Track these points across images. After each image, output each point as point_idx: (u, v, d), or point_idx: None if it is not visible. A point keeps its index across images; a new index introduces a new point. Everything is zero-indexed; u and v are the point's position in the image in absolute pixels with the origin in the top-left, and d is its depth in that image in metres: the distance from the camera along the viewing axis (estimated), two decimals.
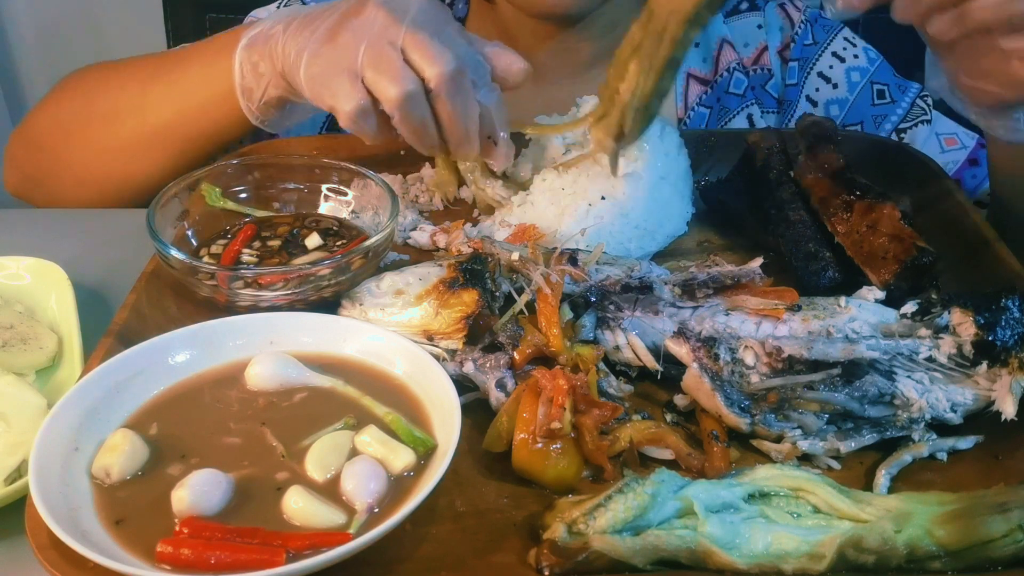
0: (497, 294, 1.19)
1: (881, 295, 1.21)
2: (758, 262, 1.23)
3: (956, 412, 1.10)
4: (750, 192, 1.51)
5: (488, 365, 1.12)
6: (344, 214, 1.42)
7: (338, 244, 1.35)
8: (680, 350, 1.13)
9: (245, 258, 1.31)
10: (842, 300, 1.18)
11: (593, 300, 1.19)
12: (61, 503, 0.92)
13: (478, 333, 1.15)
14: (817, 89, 1.90)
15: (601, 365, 1.15)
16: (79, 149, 1.64)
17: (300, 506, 0.93)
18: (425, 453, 1.00)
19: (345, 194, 1.43)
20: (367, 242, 1.27)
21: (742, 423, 1.08)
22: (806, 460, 1.07)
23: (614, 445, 1.06)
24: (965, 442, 1.09)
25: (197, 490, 0.93)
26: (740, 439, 1.10)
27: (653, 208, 1.42)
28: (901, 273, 1.26)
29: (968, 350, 1.10)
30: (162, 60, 1.64)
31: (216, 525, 0.91)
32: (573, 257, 1.22)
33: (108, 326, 1.19)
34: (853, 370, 1.09)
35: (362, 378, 1.10)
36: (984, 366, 1.09)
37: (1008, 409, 1.07)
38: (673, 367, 1.15)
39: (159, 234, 1.26)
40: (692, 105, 1.92)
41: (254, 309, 1.22)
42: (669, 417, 1.14)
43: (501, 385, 1.11)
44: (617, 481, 0.97)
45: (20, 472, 1.04)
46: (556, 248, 1.23)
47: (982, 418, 1.10)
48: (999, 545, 0.91)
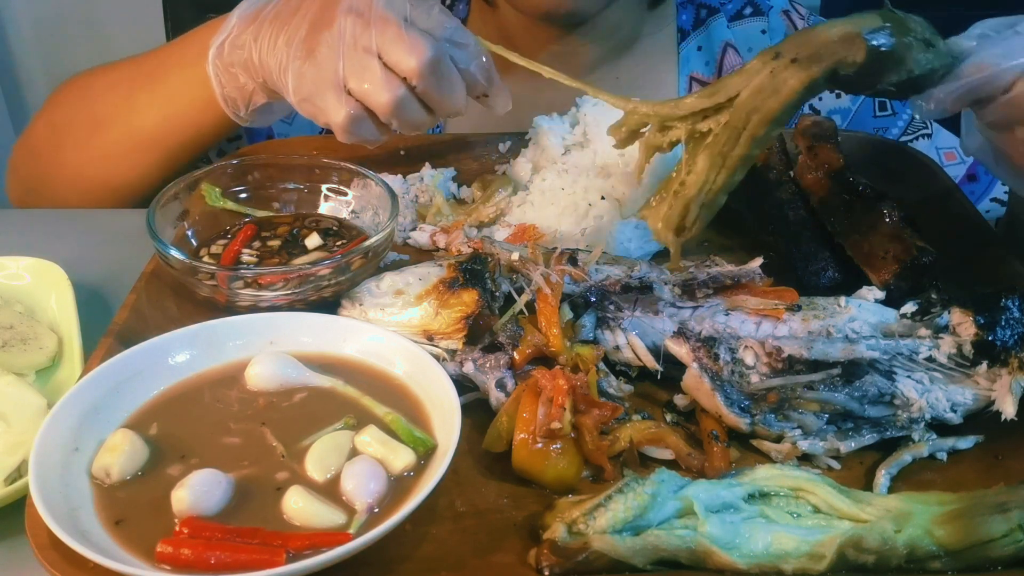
0: (497, 294, 1.19)
1: (881, 295, 1.21)
2: (758, 262, 1.23)
3: (956, 412, 1.10)
4: (750, 192, 1.50)
5: (488, 365, 1.12)
6: (344, 214, 1.42)
7: (338, 244, 1.35)
8: (680, 350, 1.13)
9: (245, 258, 1.31)
10: (842, 300, 1.18)
11: (593, 300, 1.19)
12: (61, 503, 0.92)
13: (478, 333, 1.15)
14: (820, 98, 1.90)
15: (601, 365, 1.15)
16: (71, 156, 1.65)
17: (300, 506, 0.93)
18: (425, 453, 1.00)
19: (345, 194, 1.43)
20: (367, 242, 1.27)
21: (742, 423, 1.08)
22: (806, 460, 1.07)
23: (614, 445, 1.06)
24: (965, 442, 1.09)
25: (197, 490, 0.93)
26: (740, 439, 1.10)
27: None
28: (901, 273, 1.26)
29: (968, 350, 1.10)
30: (144, 65, 1.63)
31: (216, 525, 0.91)
32: (573, 257, 1.22)
33: (108, 326, 1.19)
34: (853, 370, 1.09)
35: (362, 378, 1.10)
36: (984, 366, 1.09)
37: (1008, 409, 1.07)
38: (673, 367, 1.15)
39: (159, 234, 1.26)
40: None
41: (254, 309, 1.22)
42: (669, 417, 1.14)
43: (501, 385, 1.11)
44: (617, 481, 0.97)
45: (20, 472, 1.04)
46: (556, 248, 1.23)
47: (982, 418, 1.10)
48: (999, 545, 0.91)
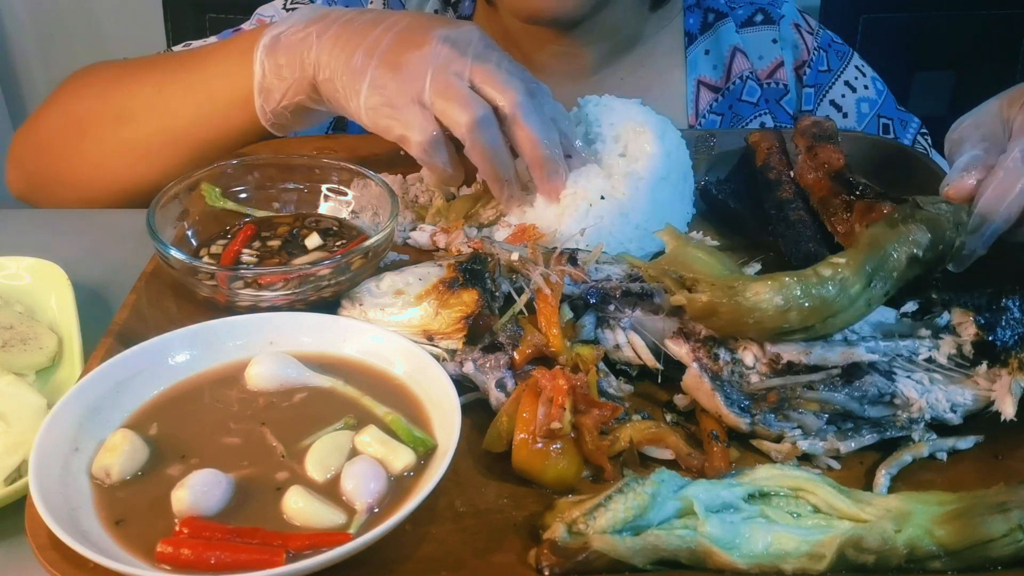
0: (497, 294, 1.19)
1: None
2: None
3: (956, 412, 1.10)
4: (750, 192, 1.51)
5: (488, 365, 1.12)
6: (344, 214, 1.42)
7: (338, 244, 1.35)
8: (680, 350, 1.13)
9: (245, 258, 1.31)
10: None
11: (593, 302, 1.19)
12: (61, 503, 0.92)
13: (478, 333, 1.15)
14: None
15: (601, 365, 1.15)
16: (89, 149, 1.62)
17: (300, 506, 0.93)
18: (425, 453, 1.00)
19: (345, 194, 1.43)
20: (367, 242, 1.27)
21: (742, 423, 1.08)
22: (806, 460, 1.07)
23: (614, 445, 1.06)
24: (965, 442, 1.09)
25: (197, 490, 0.93)
26: (740, 439, 1.10)
27: (653, 208, 1.42)
28: None
29: (968, 350, 1.10)
30: (179, 61, 1.62)
31: (216, 525, 0.91)
32: (573, 257, 1.22)
33: (108, 326, 1.19)
34: (853, 370, 1.09)
35: (362, 378, 1.10)
36: (984, 366, 1.09)
37: (1008, 410, 1.07)
38: (673, 367, 1.15)
39: (159, 234, 1.26)
40: (703, 112, 1.92)
41: (254, 309, 1.22)
42: (669, 417, 1.14)
43: (501, 385, 1.11)
44: (617, 481, 0.97)
45: (20, 472, 1.04)
46: (556, 248, 1.23)
47: (982, 418, 1.10)
48: (999, 545, 0.91)
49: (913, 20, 2.87)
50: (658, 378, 1.17)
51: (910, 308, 1.15)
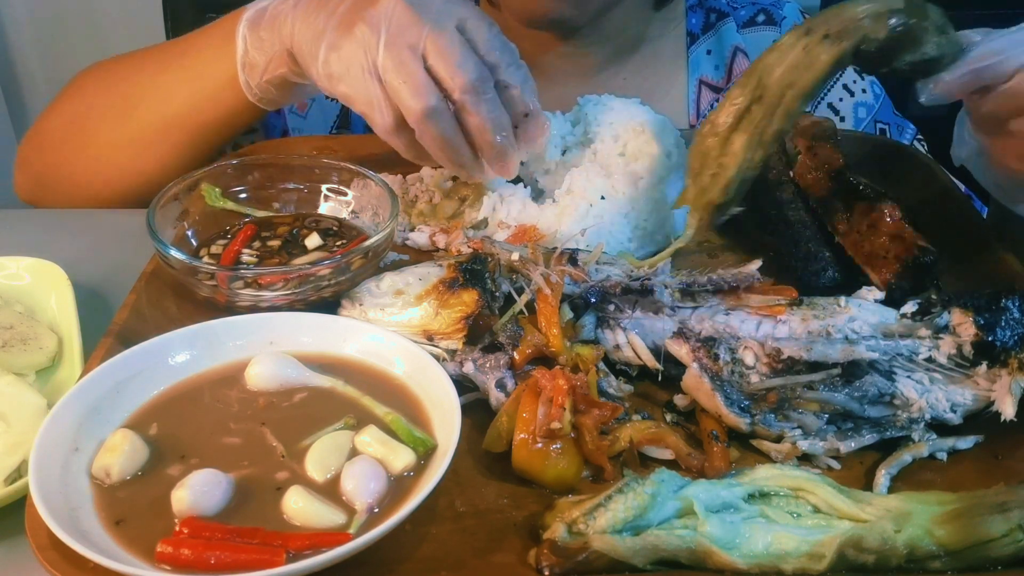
0: (497, 294, 1.19)
1: (881, 295, 1.21)
2: (756, 264, 1.23)
3: (956, 412, 1.10)
4: (750, 192, 1.50)
5: (488, 365, 1.12)
6: (344, 214, 1.42)
7: (338, 244, 1.35)
8: (680, 350, 1.13)
9: (245, 258, 1.31)
10: (842, 300, 1.18)
11: (593, 301, 1.19)
12: (61, 503, 0.92)
13: (478, 333, 1.15)
14: (845, 95, 1.90)
15: (601, 365, 1.15)
16: (93, 144, 1.63)
17: (300, 506, 0.93)
18: (425, 453, 1.00)
19: (345, 194, 1.43)
20: (367, 242, 1.27)
21: (742, 423, 1.08)
22: (806, 460, 1.07)
23: (614, 445, 1.06)
24: (965, 442, 1.09)
25: (197, 490, 0.93)
26: (740, 439, 1.10)
27: (653, 208, 1.43)
28: (902, 273, 1.26)
29: (968, 350, 1.10)
30: (174, 47, 1.63)
31: (216, 525, 0.91)
32: (573, 257, 1.22)
33: (108, 326, 1.19)
34: (853, 370, 1.09)
35: (362, 378, 1.10)
36: (984, 366, 1.09)
37: (1007, 410, 1.07)
38: (673, 367, 1.15)
39: (159, 234, 1.26)
40: (704, 112, 1.92)
41: (254, 309, 1.21)
42: (669, 417, 1.14)
43: (501, 385, 1.11)
44: (617, 481, 0.97)
45: (20, 472, 1.04)
46: (556, 248, 1.23)
47: (982, 418, 1.10)
48: (999, 545, 0.91)
49: None
50: (658, 378, 1.17)
51: (910, 308, 1.15)
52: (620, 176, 1.43)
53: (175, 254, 1.23)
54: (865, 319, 1.15)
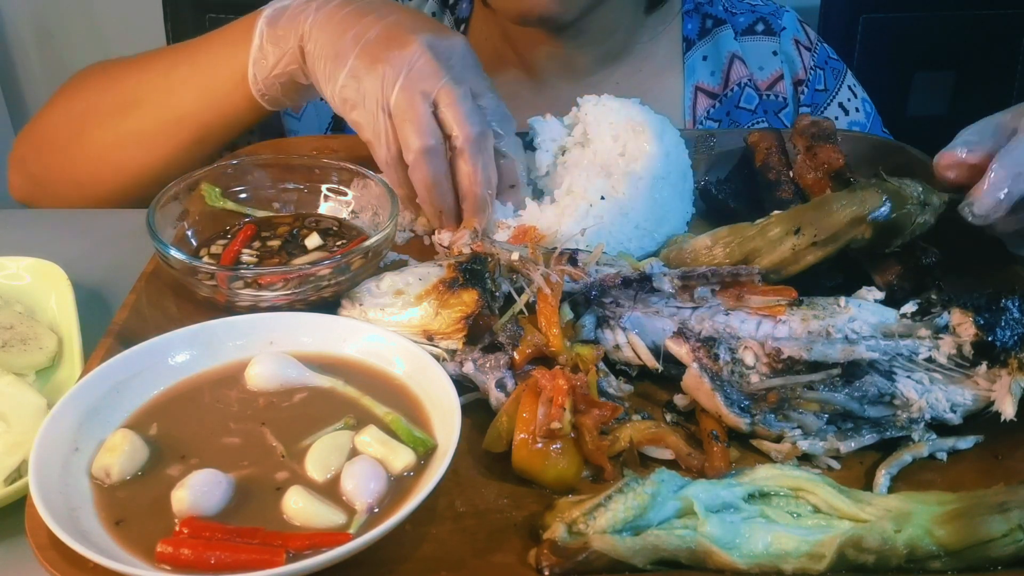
0: (497, 294, 1.19)
1: (881, 295, 1.21)
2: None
3: (956, 412, 1.10)
4: (750, 192, 1.51)
5: (488, 365, 1.12)
6: (344, 214, 1.42)
7: (338, 244, 1.35)
8: (680, 350, 1.13)
9: (245, 258, 1.31)
10: (842, 300, 1.18)
11: (593, 295, 1.18)
12: (61, 503, 0.92)
13: (478, 333, 1.15)
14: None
15: (601, 365, 1.15)
16: (92, 142, 1.62)
17: (300, 506, 0.93)
18: (425, 453, 1.00)
19: (345, 194, 1.43)
20: (367, 242, 1.27)
21: (742, 423, 1.08)
22: (806, 460, 1.07)
23: (614, 445, 1.06)
24: (965, 442, 1.09)
25: (197, 490, 0.93)
26: (740, 439, 1.10)
27: (653, 208, 1.43)
28: (904, 273, 1.27)
29: (968, 350, 1.09)
30: (185, 47, 1.63)
31: (216, 525, 0.91)
32: (573, 257, 1.22)
33: (108, 326, 1.19)
34: (853, 370, 1.09)
35: (362, 378, 1.10)
36: (984, 367, 1.09)
37: (1007, 410, 1.07)
38: (673, 367, 1.16)
39: (159, 234, 1.26)
40: (700, 118, 1.91)
41: (254, 309, 1.21)
42: (669, 417, 1.14)
43: (501, 385, 1.11)
44: (617, 481, 0.97)
45: (20, 472, 1.04)
46: (556, 248, 1.23)
47: (982, 418, 1.10)
48: (999, 545, 0.91)
49: (913, 20, 2.87)
50: (658, 378, 1.17)
51: (910, 308, 1.15)
52: (620, 176, 1.43)
53: (175, 254, 1.23)
54: (865, 319, 1.15)
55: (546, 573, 0.91)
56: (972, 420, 1.11)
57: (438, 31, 1.39)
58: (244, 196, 1.43)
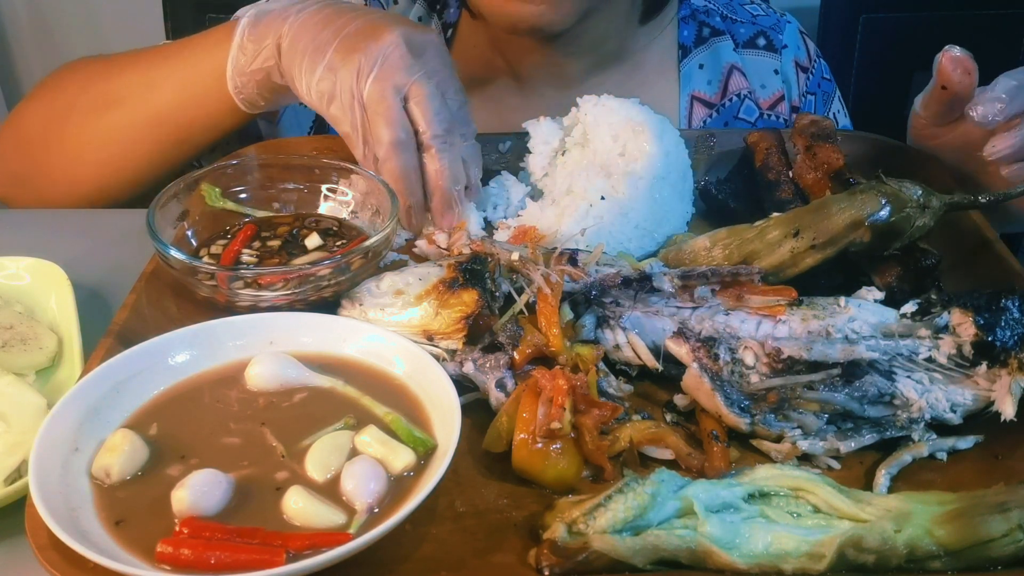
0: (497, 294, 1.19)
1: (880, 295, 1.21)
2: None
3: (956, 412, 1.10)
4: (750, 192, 1.51)
5: (488, 365, 1.12)
6: (344, 214, 1.42)
7: (338, 244, 1.35)
8: (680, 350, 1.13)
9: (245, 258, 1.31)
10: (842, 300, 1.18)
11: (593, 295, 1.18)
12: (61, 503, 0.92)
13: (478, 333, 1.15)
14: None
15: (601, 365, 1.15)
16: (72, 139, 1.61)
17: (300, 506, 0.93)
18: (425, 453, 1.00)
19: (345, 194, 1.43)
20: (367, 242, 1.27)
21: (742, 423, 1.08)
22: (806, 460, 1.07)
23: (614, 445, 1.06)
24: (965, 442, 1.09)
25: (197, 490, 0.93)
26: (740, 439, 1.10)
27: (653, 208, 1.43)
28: (904, 275, 1.27)
29: (968, 350, 1.09)
30: (168, 47, 1.64)
31: (216, 525, 0.91)
32: (573, 257, 1.22)
33: (108, 326, 1.19)
34: (853, 370, 1.09)
35: (362, 378, 1.10)
36: (984, 366, 1.09)
37: (1007, 410, 1.07)
38: (673, 367, 1.16)
39: (159, 234, 1.26)
40: (697, 127, 1.90)
41: (254, 309, 1.22)
42: (669, 417, 1.14)
43: (501, 385, 1.11)
44: (617, 481, 0.97)
45: (20, 472, 1.04)
46: (556, 248, 1.23)
47: (982, 418, 1.10)
48: (999, 545, 0.91)
49: (913, 20, 2.87)
50: (658, 378, 1.17)
51: (910, 308, 1.15)
52: (620, 176, 1.43)
53: (175, 254, 1.23)
54: (865, 319, 1.15)
55: (546, 573, 0.91)
56: (972, 420, 1.11)
57: (414, 27, 1.41)
58: (244, 196, 1.43)
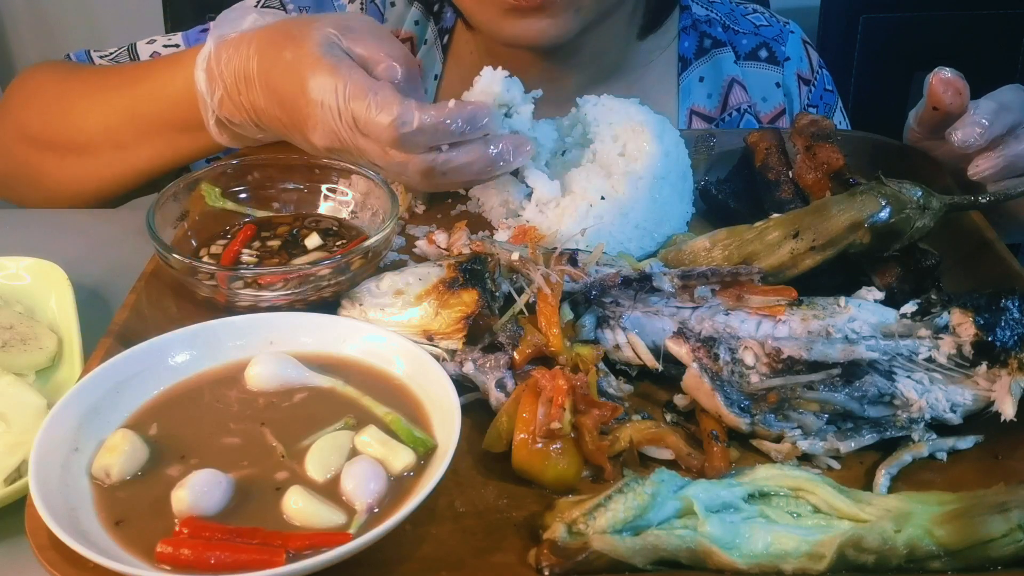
0: (497, 294, 1.19)
1: (880, 295, 1.21)
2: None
3: (956, 412, 1.10)
4: (750, 192, 1.51)
5: (488, 365, 1.12)
6: (344, 214, 1.42)
7: (338, 244, 1.35)
8: (680, 350, 1.13)
9: (245, 258, 1.31)
10: (842, 300, 1.18)
11: (593, 295, 1.18)
12: (61, 503, 0.92)
13: (478, 333, 1.15)
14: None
15: (601, 365, 1.15)
16: (46, 178, 1.62)
17: (300, 506, 0.93)
18: (425, 453, 1.00)
19: (345, 194, 1.43)
20: (367, 242, 1.27)
21: (742, 423, 1.08)
22: (806, 460, 1.07)
23: (614, 445, 1.06)
24: (965, 442, 1.09)
25: (197, 490, 0.93)
26: (740, 439, 1.10)
27: (653, 208, 1.42)
28: (904, 276, 1.26)
29: (968, 350, 1.09)
30: (127, 91, 1.56)
31: (216, 525, 0.91)
32: (573, 257, 1.22)
33: (108, 326, 1.19)
34: (853, 370, 1.09)
35: (362, 378, 1.10)
36: (984, 367, 1.09)
37: (1007, 410, 1.07)
38: (673, 367, 1.16)
39: (159, 234, 1.26)
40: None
41: (254, 309, 1.22)
42: (669, 417, 1.14)
43: (501, 385, 1.11)
44: (617, 481, 0.97)
45: (20, 472, 1.04)
46: (556, 248, 1.23)
47: (982, 418, 1.10)
48: (999, 545, 0.91)
49: (913, 20, 2.87)
50: (658, 378, 1.17)
51: (910, 308, 1.15)
52: (620, 176, 1.43)
53: (175, 254, 1.23)
54: (865, 319, 1.15)
55: (546, 573, 0.91)
56: (972, 420, 1.11)
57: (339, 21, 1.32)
58: (244, 196, 1.42)
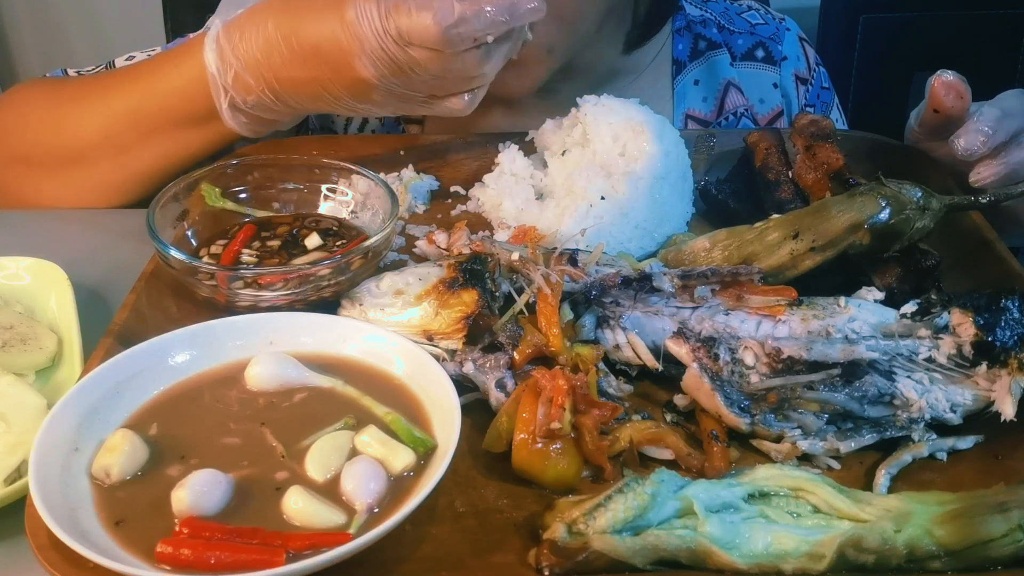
0: (497, 294, 1.19)
1: (880, 295, 1.21)
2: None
3: (956, 412, 1.10)
4: (750, 192, 1.51)
5: (488, 365, 1.12)
6: (344, 214, 1.42)
7: (338, 244, 1.35)
8: (680, 350, 1.13)
9: (245, 258, 1.31)
10: (842, 300, 1.18)
11: (593, 295, 1.18)
12: (61, 503, 0.92)
13: (478, 333, 1.15)
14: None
15: (601, 365, 1.15)
16: (42, 191, 1.61)
17: (300, 506, 0.93)
18: (425, 453, 1.00)
19: (345, 194, 1.43)
20: (367, 242, 1.27)
21: (742, 423, 1.08)
22: (806, 460, 1.07)
23: (614, 445, 1.06)
24: (965, 442, 1.09)
25: (197, 490, 0.93)
26: (740, 439, 1.10)
27: (653, 208, 1.43)
28: (904, 276, 1.26)
29: (968, 351, 1.09)
30: (127, 90, 1.54)
31: (216, 525, 0.91)
32: (573, 257, 1.22)
33: (108, 326, 1.19)
34: (853, 370, 1.09)
35: (362, 378, 1.10)
36: (984, 367, 1.09)
37: (1007, 410, 1.07)
38: (673, 367, 1.15)
39: (159, 234, 1.26)
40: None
41: (254, 309, 1.22)
42: (669, 417, 1.14)
43: (501, 385, 1.11)
44: (617, 481, 0.97)
45: (20, 472, 1.04)
46: (556, 248, 1.23)
47: (982, 418, 1.10)
48: (999, 545, 0.91)
49: (913, 20, 2.87)
50: (658, 378, 1.17)
51: (910, 308, 1.15)
52: (620, 176, 1.43)
53: (175, 254, 1.23)
54: (865, 319, 1.15)
55: (546, 573, 0.91)
56: (972, 420, 1.11)
57: None
58: (244, 196, 1.42)
